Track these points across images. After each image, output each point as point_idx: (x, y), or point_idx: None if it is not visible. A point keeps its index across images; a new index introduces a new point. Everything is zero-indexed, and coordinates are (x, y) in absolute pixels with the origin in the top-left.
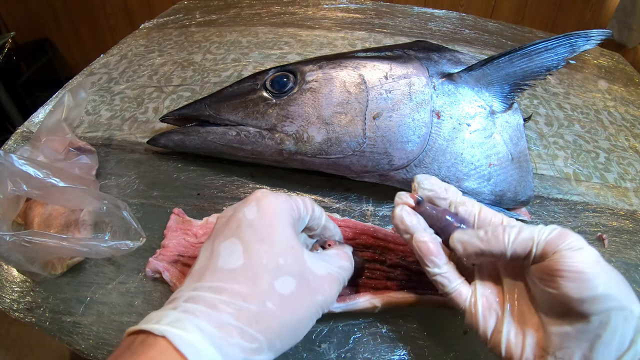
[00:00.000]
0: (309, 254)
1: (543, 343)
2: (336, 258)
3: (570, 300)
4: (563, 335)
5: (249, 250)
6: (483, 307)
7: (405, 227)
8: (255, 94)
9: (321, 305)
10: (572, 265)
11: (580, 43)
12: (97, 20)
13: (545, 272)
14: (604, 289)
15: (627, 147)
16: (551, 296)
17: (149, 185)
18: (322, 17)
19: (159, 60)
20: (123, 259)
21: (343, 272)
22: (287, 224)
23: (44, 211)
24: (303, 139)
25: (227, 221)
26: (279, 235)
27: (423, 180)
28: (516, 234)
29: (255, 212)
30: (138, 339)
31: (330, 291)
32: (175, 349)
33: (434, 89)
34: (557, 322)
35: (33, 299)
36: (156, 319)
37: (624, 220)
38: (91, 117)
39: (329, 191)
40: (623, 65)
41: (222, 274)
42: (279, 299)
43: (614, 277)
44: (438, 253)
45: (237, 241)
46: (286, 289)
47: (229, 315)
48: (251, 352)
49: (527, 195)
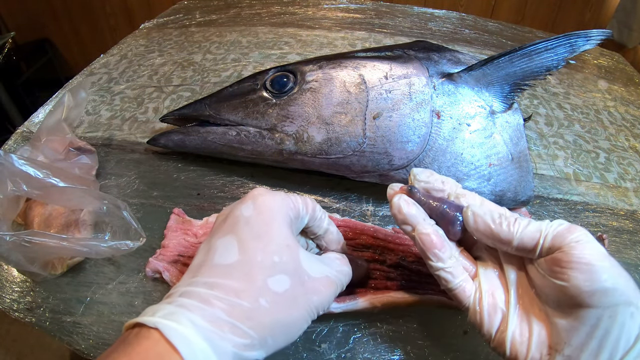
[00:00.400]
0: (307, 255)
1: (550, 341)
2: (335, 262)
3: (580, 292)
4: (571, 331)
5: (244, 247)
6: (488, 305)
7: (403, 217)
8: (255, 94)
9: (316, 306)
10: (582, 257)
11: (580, 43)
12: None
13: (555, 264)
14: (613, 282)
15: (627, 147)
16: (560, 289)
17: (149, 185)
18: (322, 17)
19: (159, 60)
20: (123, 259)
21: (341, 276)
22: (284, 222)
23: (44, 211)
24: (303, 139)
25: (224, 219)
26: (275, 233)
27: (419, 172)
28: (525, 225)
29: (251, 210)
30: (133, 331)
31: (326, 293)
32: (167, 340)
33: (434, 89)
34: (566, 317)
35: (33, 299)
36: (151, 312)
37: (624, 220)
38: (91, 117)
39: (329, 191)
40: (623, 65)
41: (217, 270)
42: (273, 296)
43: (622, 272)
44: (442, 246)
45: (233, 238)
46: (280, 287)
47: (221, 311)
48: (243, 348)
49: (527, 195)
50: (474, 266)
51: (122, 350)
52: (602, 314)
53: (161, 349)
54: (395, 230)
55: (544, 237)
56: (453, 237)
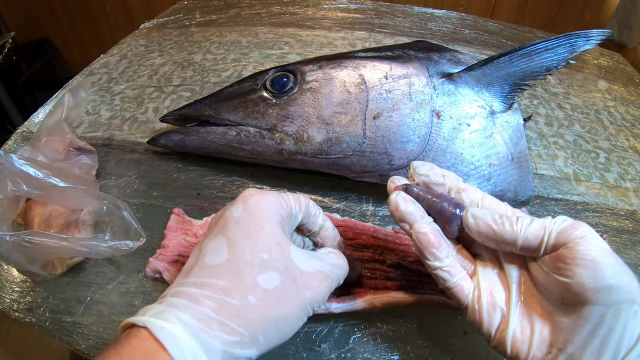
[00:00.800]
0: (298, 251)
1: (552, 339)
2: (329, 256)
3: (584, 290)
4: (574, 329)
5: (234, 247)
6: (487, 303)
7: (400, 215)
8: (255, 94)
9: (310, 302)
10: (587, 254)
11: (580, 43)
12: (97, 20)
13: (559, 261)
14: (617, 280)
15: (627, 147)
16: (564, 287)
17: (149, 185)
18: (322, 17)
19: (159, 60)
20: (123, 259)
21: (336, 270)
22: (275, 221)
23: (44, 211)
24: (303, 139)
25: (217, 221)
26: (265, 232)
27: (419, 166)
28: (528, 223)
29: (241, 210)
30: (126, 331)
31: (320, 288)
32: (155, 338)
33: (434, 89)
34: (569, 315)
35: (33, 299)
36: (142, 312)
37: (624, 220)
38: (91, 117)
39: (329, 191)
40: (623, 65)
41: (207, 270)
42: (262, 293)
43: (626, 270)
44: (439, 245)
45: (223, 238)
46: (270, 284)
47: (210, 309)
48: (233, 345)
49: (527, 195)
50: (473, 264)
51: (114, 349)
52: (606, 312)
53: (149, 346)
54: (395, 231)
55: (548, 234)
56: (451, 235)
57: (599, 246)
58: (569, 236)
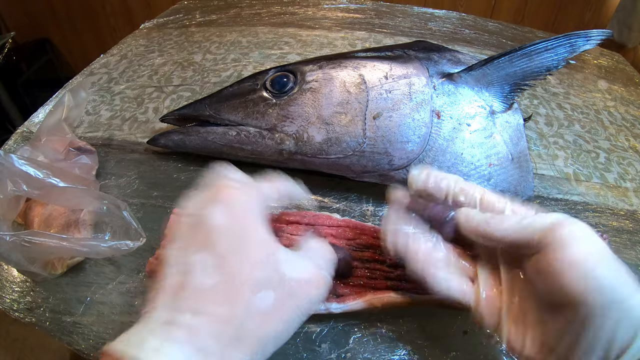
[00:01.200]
0: (288, 255)
1: (544, 339)
2: (317, 252)
3: (572, 290)
4: (565, 329)
5: (223, 265)
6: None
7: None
8: (255, 94)
9: (307, 310)
10: (574, 254)
11: (580, 43)
12: (97, 20)
13: (545, 262)
14: (608, 280)
15: (627, 147)
16: (553, 286)
17: (149, 185)
18: (322, 17)
19: (159, 60)
20: (123, 259)
21: (328, 265)
22: (259, 223)
23: (44, 211)
24: (303, 139)
25: (193, 226)
26: (253, 243)
27: (415, 180)
28: (517, 220)
29: (223, 217)
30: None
31: (317, 293)
32: None
33: (434, 89)
34: (559, 315)
35: (33, 299)
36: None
37: (624, 220)
38: (91, 117)
39: (329, 191)
40: (623, 65)
41: (198, 294)
42: (260, 315)
43: (619, 268)
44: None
45: (209, 255)
46: (266, 303)
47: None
48: None
49: (527, 195)
50: (473, 266)
51: None
52: (595, 312)
53: None
54: None
55: (537, 233)
56: (447, 237)
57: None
58: (554, 237)
